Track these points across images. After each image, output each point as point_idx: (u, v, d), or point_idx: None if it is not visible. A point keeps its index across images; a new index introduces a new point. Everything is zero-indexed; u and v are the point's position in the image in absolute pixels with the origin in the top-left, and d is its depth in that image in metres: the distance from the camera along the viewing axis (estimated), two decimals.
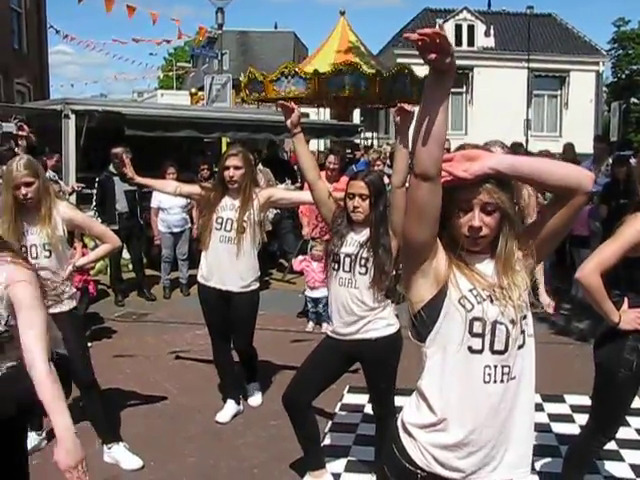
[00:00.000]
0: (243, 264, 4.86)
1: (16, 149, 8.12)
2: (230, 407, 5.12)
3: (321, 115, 23.39)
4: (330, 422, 4.94)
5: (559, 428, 4.81)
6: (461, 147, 2.15)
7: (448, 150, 2.00)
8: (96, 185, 8.53)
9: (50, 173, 8.03)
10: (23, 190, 3.94)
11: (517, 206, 2.12)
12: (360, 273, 3.67)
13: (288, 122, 3.85)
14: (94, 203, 8.60)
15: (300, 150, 3.89)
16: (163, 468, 4.29)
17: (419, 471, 2.12)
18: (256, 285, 5.02)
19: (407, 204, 2.03)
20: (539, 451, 3.92)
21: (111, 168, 8.52)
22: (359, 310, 3.69)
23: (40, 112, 11.21)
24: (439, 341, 2.08)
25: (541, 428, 4.65)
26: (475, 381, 2.06)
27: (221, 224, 4.82)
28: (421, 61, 1.76)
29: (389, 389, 3.85)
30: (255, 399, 5.41)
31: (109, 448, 4.36)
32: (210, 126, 11.26)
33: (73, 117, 9.66)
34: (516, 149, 8.04)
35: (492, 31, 31.76)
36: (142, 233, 8.94)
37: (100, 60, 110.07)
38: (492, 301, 2.05)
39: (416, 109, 3.11)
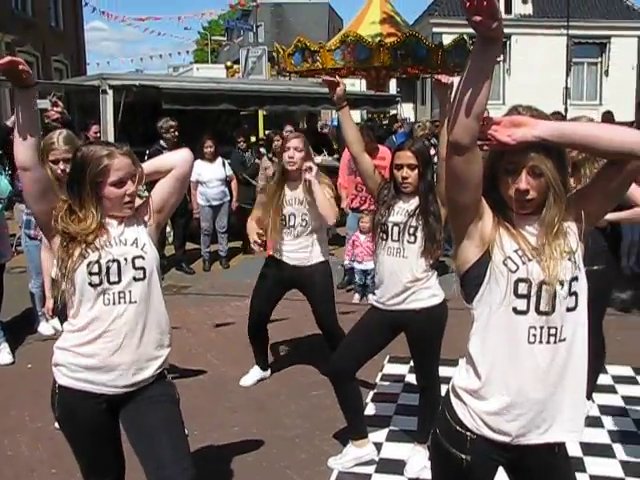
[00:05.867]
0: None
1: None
2: (255, 372, 5.28)
3: (356, 86, 23.19)
4: (371, 392, 4.96)
5: (601, 399, 4.74)
6: (514, 109, 2.12)
7: None
8: (146, 158, 8.55)
9: None
10: (62, 165, 3.83)
11: (565, 171, 2.07)
12: (409, 242, 3.60)
13: (335, 96, 3.77)
14: None
15: (346, 123, 3.81)
16: (207, 437, 4.34)
17: (469, 433, 2.13)
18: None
19: (446, 171, 2.02)
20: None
21: (162, 142, 8.56)
22: (406, 280, 3.64)
23: (78, 88, 11.30)
24: (484, 302, 2.09)
25: None
26: (520, 342, 2.05)
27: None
28: (456, 31, 1.72)
29: (433, 360, 3.83)
30: None
31: None
32: (247, 99, 11.23)
33: (111, 92, 9.66)
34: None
35: None
36: (186, 210, 8.88)
37: (135, 36, 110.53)
38: (539, 262, 2.02)
39: (454, 79, 3.08)
